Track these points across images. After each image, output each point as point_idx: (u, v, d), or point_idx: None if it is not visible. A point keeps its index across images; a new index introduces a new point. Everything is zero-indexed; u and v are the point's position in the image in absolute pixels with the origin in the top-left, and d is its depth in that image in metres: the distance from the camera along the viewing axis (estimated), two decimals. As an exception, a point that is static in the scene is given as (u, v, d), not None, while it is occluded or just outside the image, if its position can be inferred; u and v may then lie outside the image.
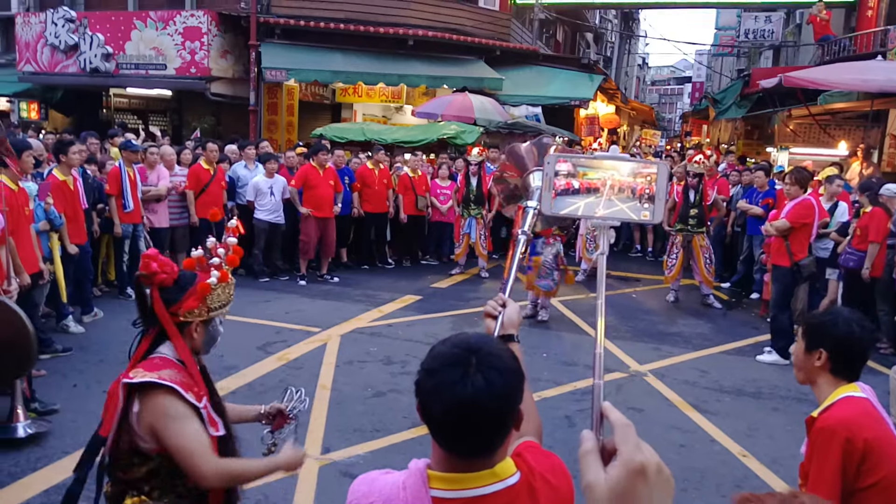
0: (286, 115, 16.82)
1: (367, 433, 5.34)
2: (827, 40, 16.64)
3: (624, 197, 1.39)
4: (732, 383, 6.83)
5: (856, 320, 2.54)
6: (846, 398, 2.46)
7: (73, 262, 7.52)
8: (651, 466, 0.99)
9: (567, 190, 1.41)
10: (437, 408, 1.40)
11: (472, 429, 1.40)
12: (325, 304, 9.25)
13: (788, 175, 7.91)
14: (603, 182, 1.39)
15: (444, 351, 1.46)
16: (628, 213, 1.38)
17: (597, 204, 1.39)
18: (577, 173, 1.40)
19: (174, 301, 2.34)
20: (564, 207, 1.41)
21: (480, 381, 1.39)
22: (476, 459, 1.44)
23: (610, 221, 1.39)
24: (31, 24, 17.05)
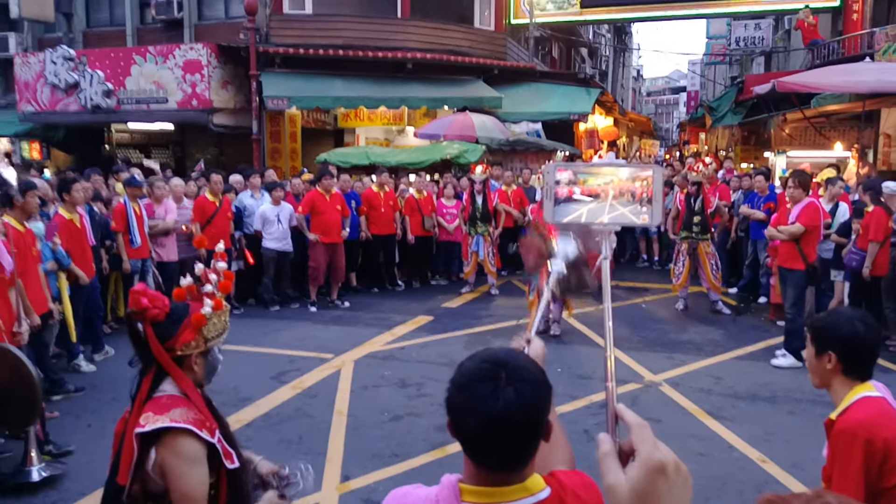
0: (289, 143, 16.94)
1: (386, 458, 5.35)
2: (816, 44, 16.77)
3: (625, 201, 1.42)
4: (747, 389, 6.86)
5: (859, 318, 2.57)
6: (863, 399, 2.48)
7: (83, 300, 7.51)
8: (670, 464, 1.03)
9: (570, 198, 1.44)
10: (470, 423, 1.43)
11: (504, 442, 1.43)
12: (338, 329, 9.29)
13: (791, 178, 7.94)
14: (604, 188, 1.43)
15: (473, 366, 1.49)
16: (630, 216, 1.41)
17: (600, 209, 1.42)
18: (577, 181, 1.43)
19: (169, 335, 2.27)
20: (568, 215, 1.44)
21: (511, 394, 1.42)
22: (508, 472, 1.47)
23: (612, 227, 1.44)
24: (30, 64, 17.14)
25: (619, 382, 6.87)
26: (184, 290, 2.41)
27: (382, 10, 17.42)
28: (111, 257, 8.78)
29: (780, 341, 8.13)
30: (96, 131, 19.01)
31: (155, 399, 2.26)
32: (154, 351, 2.26)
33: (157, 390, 2.29)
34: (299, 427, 6.00)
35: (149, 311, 2.24)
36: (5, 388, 4.45)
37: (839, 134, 14.58)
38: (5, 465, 5.15)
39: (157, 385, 2.30)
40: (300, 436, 5.81)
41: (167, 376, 2.30)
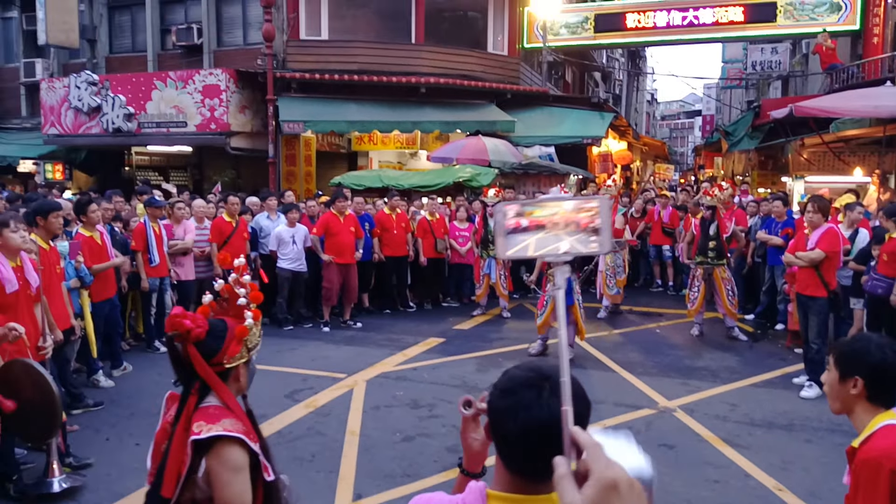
0: (304, 166, 17.08)
1: (398, 478, 5.34)
2: (835, 69, 16.71)
3: (570, 231, 1.44)
4: (763, 416, 6.77)
5: (887, 345, 2.52)
6: (886, 427, 2.43)
7: (103, 317, 7.65)
8: (622, 482, 1.05)
9: (517, 229, 1.46)
10: (512, 427, 1.46)
11: (543, 450, 1.43)
12: (350, 349, 9.31)
13: (809, 203, 7.82)
14: (550, 219, 1.45)
15: (518, 374, 1.53)
16: (577, 245, 1.43)
17: (547, 239, 1.45)
18: (524, 212, 1.46)
19: (214, 351, 2.33)
20: (515, 245, 1.47)
21: (556, 404, 1.42)
22: (538, 482, 1.48)
23: (565, 258, 1.45)
24: (56, 88, 17.49)
25: (632, 408, 6.89)
26: (207, 307, 2.45)
27: (397, 36, 17.63)
28: (130, 276, 8.91)
29: (798, 368, 8.05)
30: (117, 153, 19.30)
31: (202, 409, 2.31)
32: (199, 369, 2.31)
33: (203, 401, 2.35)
34: (312, 445, 6.01)
35: (192, 332, 2.28)
36: (28, 403, 4.52)
37: (859, 159, 14.48)
38: (28, 475, 5.26)
39: (201, 401, 2.35)
40: (313, 454, 5.81)
41: (210, 392, 2.35)
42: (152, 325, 9.11)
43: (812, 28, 17.52)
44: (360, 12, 18.28)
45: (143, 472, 4.45)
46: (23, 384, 4.54)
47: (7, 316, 4.86)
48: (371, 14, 18.43)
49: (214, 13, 18.13)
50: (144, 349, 9.09)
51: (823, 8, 17.33)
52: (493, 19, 19.05)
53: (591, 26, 19.92)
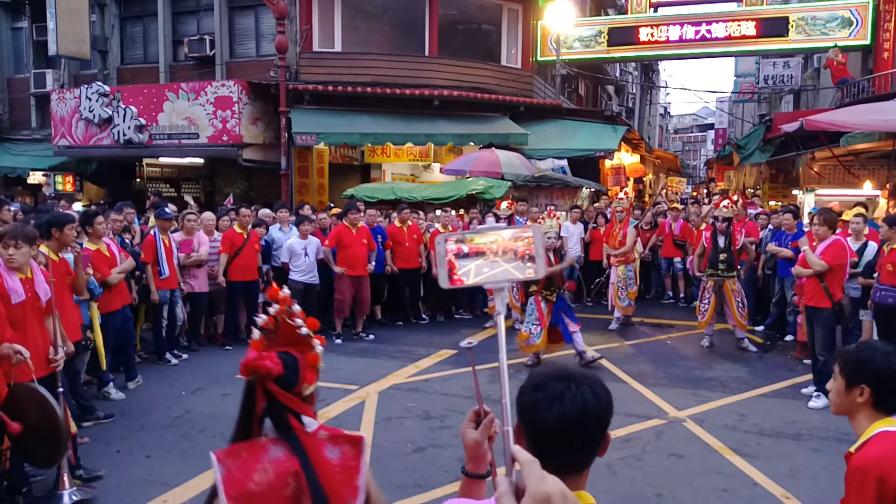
0: (317, 178, 17.16)
1: (409, 489, 5.37)
2: (846, 83, 16.72)
3: (508, 258, 1.52)
4: (772, 426, 6.80)
5: (893, 353, 2.54)
6: (881, 434, 2.47)
7: (114, 329, 7.67)
8: (555, 495, 1.12)
9: (458, 254, 1.54)
10: (548, 418, 1.55)
11: (577, 438, 1.57)
12: (362, 361, 9.36)
13: (816, 216, 7.92)
14: (489, 246, 1.53)
15: (545, 371, 1.65)
16: (514, 272, 1.51)
17: (486, 266, 1.52)
18: (465, 239, 1.54)
19: (294, 382, 2.26)
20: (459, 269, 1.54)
21: (588, 393, 1.57)
22: (568, 476, 1.54)
23: (504, 283, 1.52)
24: (66, 99, 17.59)
25: (642, 419, 6.91)
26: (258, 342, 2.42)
27: (410, 48, 17.75)
28: (140, 288, 8.95)
29: (807, 379, 8.09)
30: (128, 165, 19.39)
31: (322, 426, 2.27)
32: (288, 402, 2.24)
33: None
34: (323, 457, 6.02)
35: (273, 371, 2.22)
36: (33, 427, 4.57)
37: (869, 173, 14.47)
38: (38, 488, 5.27)
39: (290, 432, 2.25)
40: (323, 465, 5.83)
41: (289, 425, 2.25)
42: (163, 338, 9.15)
43: (823, 43, 17.56)
44: (374, 24, 18.43)
45: (153, 484, 4.48)
46: (27, 409, 4.58)
47: (16, 328, 4.88)
48: (385, 26, 18.57)
49: (227, 25, 18.23)
50: (156, 361, 9.12)
51: (835, 23, 17.38)
52: (506, 32, 19.16)
53: (604, 40, 20.01)
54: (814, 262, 7.50)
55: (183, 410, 7.29)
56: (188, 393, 7.91)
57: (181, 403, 7.52)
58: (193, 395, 7.83)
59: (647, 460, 5.98)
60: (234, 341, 10.06)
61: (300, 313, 2.38)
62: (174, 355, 9.25)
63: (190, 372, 8.75)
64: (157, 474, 5.64)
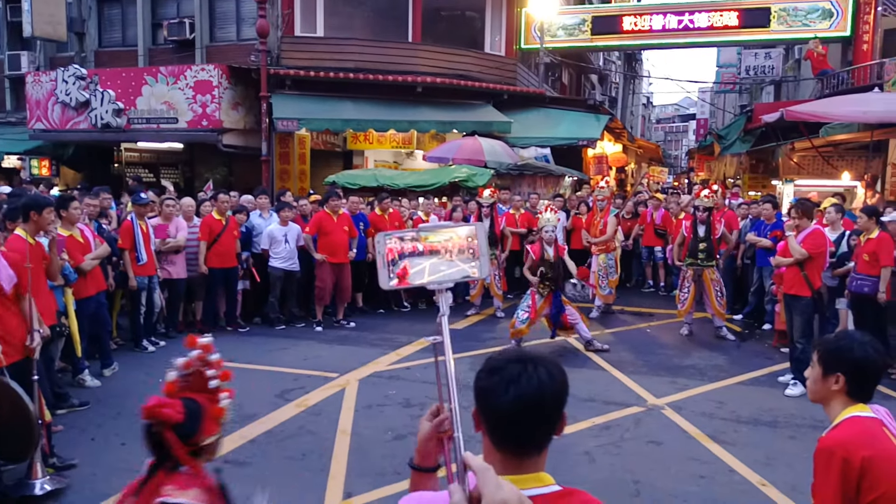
0: (298, 164, 17.06)
1: (389, 476, 5.37)
2: (825, 74, 16.88)
3: (465, 257, 1.51)
4: (749, 413, 6.86)
5: (870, 343, 2.59)
6: (850, 418, 2.53)
7: (88, 315, 7.56)
8: (512, 501, 1.12)
9: (413, 252, 1.51)
10: (504, 401, 1.54)
11: (533, 419, 1.56)
12: (343, 349, 9.33)
13: (794, 208, 8.01)
14: (444, 244, 1.52)
15: (501, 356, 1.65)
16: (467, 270, 1.51)
17: (441, 264, 1.51)
18: (420, 237, 1.52)
19: (192, 433, 2.30)
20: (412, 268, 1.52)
21: (544, 374, 1.56)
22: (527, 458, 1.57)
23: (446, 284, 1.49)
24: (42, 82, 17.28)
25: (621, 406, 6.96)
26: (172, 384, 2.42)
27: (393, 34, 17.65)
28: (117, 274, 8.85)
29: (784, 367, 8.18)
30: (105, 150, 19.16)
31: (174, 475, 2.27)
32: (176, 452, 2.27)
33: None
34: (303, 444, 6.03)
35: (172, 418, 2.27)
36: (4, 422, 4.49)
37: (847, 163, 14.62)
38: (9, 476, 5.15)
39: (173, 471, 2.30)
40: (303, 453, 5.84)
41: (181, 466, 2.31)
42: (141, 325, 9.04)
43: (805, 34, 17.68)
44: (357, 10, 18.29)
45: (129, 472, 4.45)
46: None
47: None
48: (367, 11, 18.44)
49: (207, 8, 17.98)
50: (132, 348, 9.02)
51: (816, 14, 17.49)
52: (490, 19, 19.11)
53: (588, 28, 20.03)
54: (795, 250, 7.56)
55: (160, 398, 7.21)
56: (164, 380, 7.80)
57: (158, 391, 7.37)
58: (171, 382, 7.74)
59: (625, 447, 6.01)
60: (212, 328, 9.99)
61: (217, 362, 2.38)
62: (151, 342, 9.16)
63: (167, 359, 8.45)
64: (133, 462, 5.51)
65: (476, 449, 4.32)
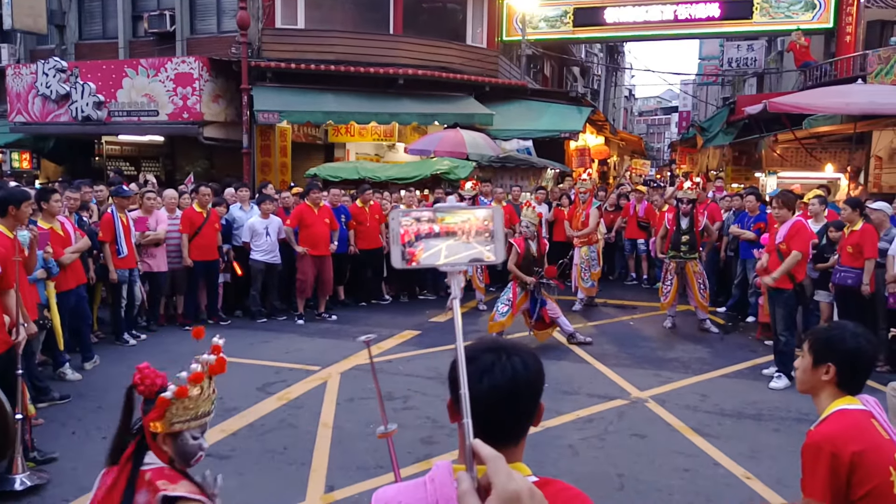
0: (279, 157, 16.95)
1: (371, 470, 5.32)
2: (808, 66, 16.92)
3: (482, 239, 1.45)
4: (733, 406, 6.85)
5: (862, 334, 2.56)
6: (839, 412, 2.49)
7: (69, 309, 7.49)
8: (524, 492, 1.06)
9: (429, 234, 1.45)
10: (478, 388, 1.50)
11: (508, 409, 1.54)
12: (324, 342, 9.26)
13: (775, 199, 7.98)
14: (461, 226, 1.45)
15: (476, 346, 1.61)
16: (483, 253, 1.44)
17: (458, 247, 1.44)
18: (436, 218, 1.46)
19: (146, 413, 2.32)
20: (428, 250, 1.46)
21: (518, 363, 1.56)
22: (504, 448, 1.49)
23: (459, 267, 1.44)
24: (22, 75, 17.13)
25: (604, 399, 6.94)
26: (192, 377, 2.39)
27: (375, 26, 17.54)
28: (98, 267, 8.76)
29: (768, 360, 8.18)
30: (86, 143, 19.00)
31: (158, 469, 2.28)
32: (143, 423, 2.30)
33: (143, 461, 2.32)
34: (284, 438, 5.97)
35: (138, 388, 2.31)
36: None
37: (830, 155, 14.67)
38: (-13, 472, 5.10)
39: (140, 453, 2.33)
40: (285, 446, 5.78)
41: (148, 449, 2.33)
42: (122, 318, 8.96)
43: (787, 26, 17.73)
44: (338, 2, 18.14)
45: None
46: None
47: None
48: (349, 4, 18.30)
49: (188, 0, 17.84)
50: (113, 342, 8.94)
51: (798, 6, 17.55)
52: (472, 11, 19.04)
53: (570, 20, 20.01)
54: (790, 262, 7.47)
55: (140, 392, 7.13)
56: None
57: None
58: (151, 377, 7.66)
59: (609, 440, 5.98)
60: (193, 321, 9.90)
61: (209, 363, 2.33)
62: (132, 335, 9.07)
63: (148, 352, 8.58)
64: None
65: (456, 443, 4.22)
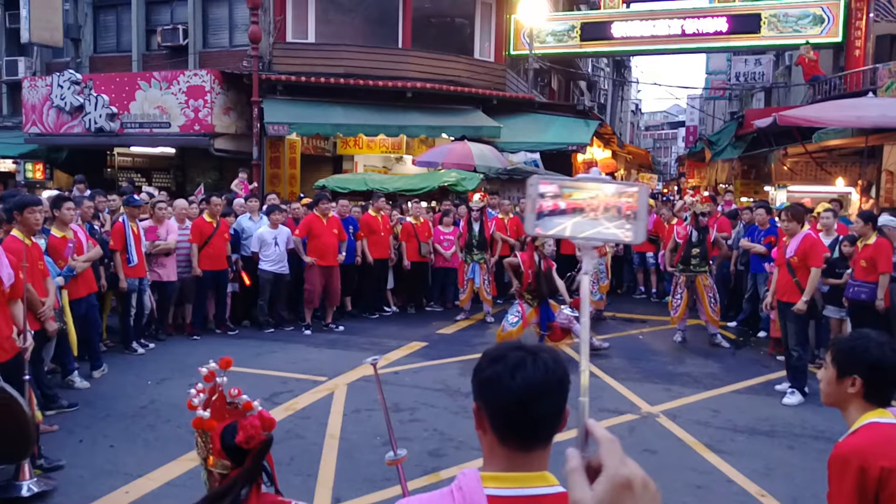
0: (289, 169, 17.00)
1: (378, 482, 5.26)
2: (817, 80, 16.86)
3: (610, 216, 1.39)
4: (746, 422, 6.76)
5: (887, 343, 2.47)
6: (869, 425, 2.41)
7: (80, 316, 7.50)
8: (637, 480, 1.00)
9: (554, 211, 1.41)
10: (512, 385, 1.48)
11: (542, 407, 1.49)
12: (331, 353, 9.22)
13: (784, 212, 7.92)
14: (589, 202, 1.40)
15: (500, 346, 1.58)
16: (615, 231, 1.38)
17: (584, 224, 1.39)
18: (562, 194, 1.41)
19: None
20: (552, 228, 1.42)
21: (548, 359, 1.52)
22: (533, 452, 1.50)
23: (594, 242, 1.39)
24: (38, 87, 17.34)
25: (615, 413, 6.86)
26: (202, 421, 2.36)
27: (384, 40, 17.63)
28: (108, 276, 8.78)
29: (780, 375, 8.07)
30: (99, 154, 19.09)
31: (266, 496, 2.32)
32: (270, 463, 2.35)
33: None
34: (291, 448, 5.92)
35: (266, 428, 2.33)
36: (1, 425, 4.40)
37: (841, 169, 14.58)
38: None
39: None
40: (291, 457, 5.73)
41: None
42: (131, 327, 8.95)
43: (795, 40, 17.67)
44: (348, 17, 18.28)
45: (116, 474, 4.33)
46: None
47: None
48: (358, 18, 18.42)
49: (200, 14, 18.03)
50: (122, 350, 8.92)
51: (807, 20, 17.50)
52: (479, 26, 19.11)
53: (577, 35, 20.01)
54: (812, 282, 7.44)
55: (148, 400, 7.11)
56: (154, 383, 7.73)
57: (147, 393, 7.35)
58: (159, 385, 7.65)
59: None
60: (201, 331, 9.89)
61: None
62: (141, 344, 9.06)
63: (156, 361, 8.57)
64: (121, 464, 5.49)
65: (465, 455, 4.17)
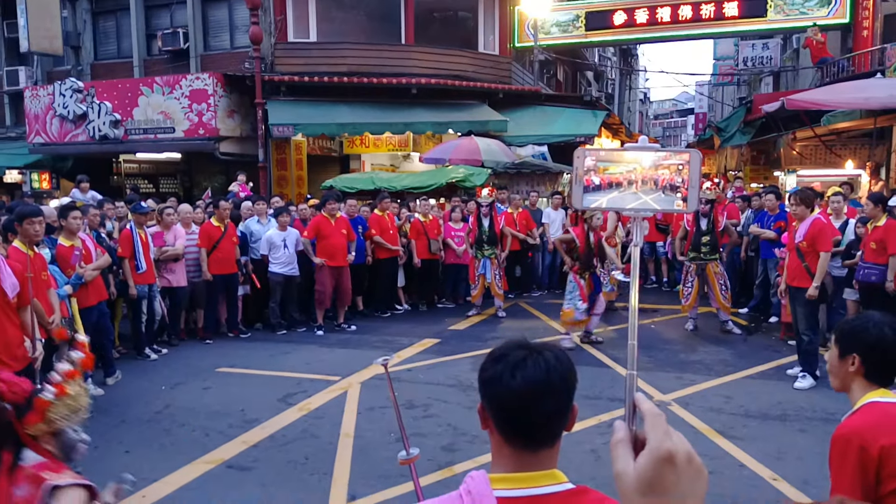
0: (295, 170, 17.00)
1: (393, 479, 5.28)
2: (825, 62, 16.75)
3: (647, 189, 1.32)
4: (758, 408, 6.75)
5: (888, 324, 2.50)
6: (869, 404, 2.43)
7: (91, 324, 7.56)
8: (680, 454, 0.98)
9: (587, 187, 1.34)
10: (512, 384, 1.49)
11: (543, 406, 1.49)
12: (344, 352, 9.26)
13: (793, 196, 7.90)
14: (625, 176, 1.33)
15: (505, 344, 1.60)
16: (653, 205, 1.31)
17: (621, 199, 1.33)
18: (597, 168, 1.34)
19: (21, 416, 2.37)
20: (590, 203, 1.36)
21: (551, 357, 1.52)
22: (539, 451, 1.50)
23: (644, 213, 1.33)
24: (40, 96, 17.37)
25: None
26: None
27: (387, 37, 17.62)
28: (118, 283, 8.83)
29: (792, 360, 8.06)
30: (104, 162, 19.20)
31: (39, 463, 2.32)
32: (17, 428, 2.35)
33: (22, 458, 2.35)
34: (306, 448, 5.96)
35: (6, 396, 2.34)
36: None
37: (850, 152, 14.49)
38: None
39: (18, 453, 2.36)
40: (306, 456, 5.77)
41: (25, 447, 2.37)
42: (143, 333, 9.01)
43: (802, 22, 17.56)
44: (349, 14, 18.25)
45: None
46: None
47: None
48: (360, 15, 18.42)
49: (200, 17, 18.05)
50: (135, 357, 8.99)
51: (813, 2, 17.38)
52: (483, 19, 19.05)
53: (581, 24, 19.94)
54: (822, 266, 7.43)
55: (163, 405, 7.16)
56: (168, 387, 7.78)
57: (161, 398, 7.40)
58: (173, 390, 7.70)
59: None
60: (214, 335, 9.95)
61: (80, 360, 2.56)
62: (154, 350, 9.13)
63: (170, 367, 8.63)
64: (137, 469, 5.51)
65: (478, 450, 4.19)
